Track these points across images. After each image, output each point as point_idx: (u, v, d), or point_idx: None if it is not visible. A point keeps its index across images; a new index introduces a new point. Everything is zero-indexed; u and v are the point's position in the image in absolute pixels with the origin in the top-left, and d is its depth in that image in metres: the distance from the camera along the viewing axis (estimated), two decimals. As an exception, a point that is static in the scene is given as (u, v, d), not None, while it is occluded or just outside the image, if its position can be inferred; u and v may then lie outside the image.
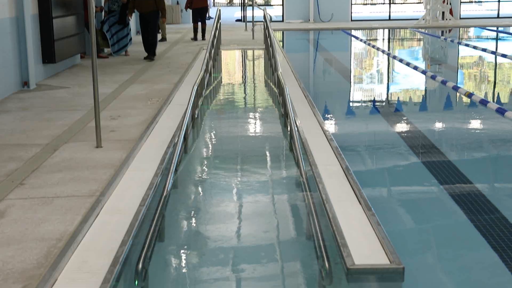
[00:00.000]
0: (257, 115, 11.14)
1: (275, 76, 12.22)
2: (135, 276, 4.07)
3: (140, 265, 4.05)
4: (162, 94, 10.58)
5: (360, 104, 13.15)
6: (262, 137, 9.52)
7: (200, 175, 7.51)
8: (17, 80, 11.06)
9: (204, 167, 7.81)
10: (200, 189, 6.94)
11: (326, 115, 10.90)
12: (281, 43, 22.79)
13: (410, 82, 15.19)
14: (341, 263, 3.89)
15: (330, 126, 10.12)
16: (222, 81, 14.83)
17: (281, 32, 26.11)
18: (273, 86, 12.74)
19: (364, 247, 4.06)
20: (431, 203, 6.57)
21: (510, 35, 25.33)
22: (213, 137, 9.49)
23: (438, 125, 10.79)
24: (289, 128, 8.13)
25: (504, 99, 12.97)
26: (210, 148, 8.82)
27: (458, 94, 13.01)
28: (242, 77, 15.78)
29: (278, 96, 10.91)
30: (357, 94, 14.36)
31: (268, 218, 5.98)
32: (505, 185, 7.33)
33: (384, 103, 13.02)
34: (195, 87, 9.38)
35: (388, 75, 16.77)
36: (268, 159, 8.18)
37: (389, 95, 13.97)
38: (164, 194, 5.34)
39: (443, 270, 5.04)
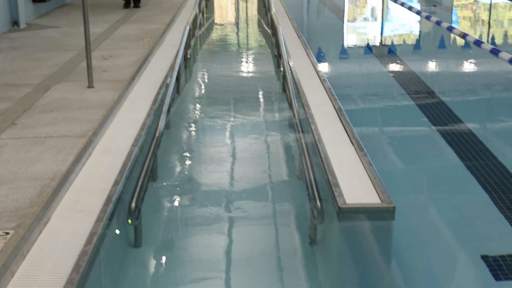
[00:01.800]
0: (250, 55, 11.06)
1: (268, 16, 12.08)
2: (128, 215, 4.09)
3: (133, 204, 4.07)
4: (154, 34, 10.45)
5: (354, 45, 13.06)
6: (255, 78, 9.47)
7: (192, 116, 7.49)
8: (6, 19, 10.89)
9: (196, 108, 7.79)
10: (192, 129, 6.94)
11: (319, 56, 10.83)
12: (274, -18, 22.45)
13: (405, 23, 15.05)
14: (333, 202, 3.92)
15: (324, 67, 10.07)
16: (215, 21, 14.67)
17: (275, -29, 25.68)
18: (266, 27, 12.61)
19: (355, 187, 4.08)
20: (423, 144, 6.59)
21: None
22: (206, 78, 9.44)
23: (432, 66, 10.75)
24: (282, 69, 8.08)
25: (498, 40, 12.89)
26: (203, 89, 8.78)
27: (452, 35, 12.91)
28: (235, 17, 15.60)
29: (271, 36, 10.81)
30: (351, 35, 14.24)
31: (260, 158, 6.00)
32: (497, 126, 7.35)
33: (378, 44, 12.93)
34: (188, 27, 9.28)
35: (382, 15, 16.60)
36: (261, 100, 8.16)
37: (383, 36, 13.86)
38: (157, 134, 5.34)
39: (434, 209, 5.10)
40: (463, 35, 12.39)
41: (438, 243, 4.48)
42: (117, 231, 4.16)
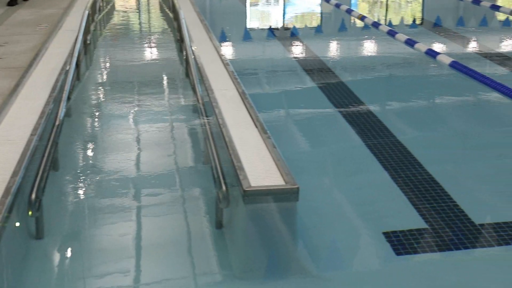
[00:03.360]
0: (152, 40, 10.93)
1: (170, 0, 11.96)
2: (28, 207, 3.97)
3: (33, 196, 3.95)
4: (51, 19, 10.14)
5: (256, 28, 13.13)
6: (158, 63, 9.37)
7: (94, 102, 7.34)
8: None
9: (98, 95, 7.63)
10: (95, 117, 6.79)
11: (222, 40, 10.83)
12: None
13: (305, 6, 15.26)
14: (238, 185, 3.94)
15: (227, 50, 10.07)
16: (115, 6, 14.38)
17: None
18: (168, 11, 12.49)
19: (260, 169, 4.11)
20: (325, 125, 6.72)
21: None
22: (107, 63, 9.26)
23: (332, 48, 10.95)
24: (184, 53, 8.03)
25: (395, 21, 13.27)
26: (105, 75, 8.61)
27: (352, 17, 13.20)
28: (136, 1, 15.35)
29: (173, 20, 10.72)
30: (254, 18, 14.31)
31: (165, 144, 5.96)
32: (395, 105, 7.58)
33: (280, 27, 13.05)
34: (86, 12, 9.05)
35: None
36: (164, 85, 8.09)
37: (285, 19, 14.00)
38: (57, 123, 5.19)
39: (338, 189, 5.22)
40: (362, 17, 12.69)
41: (342, 222, 4.59)
42: (18, 224, 4.03)
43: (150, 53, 10.01)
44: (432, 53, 9.37)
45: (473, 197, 4.97)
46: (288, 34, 12.04)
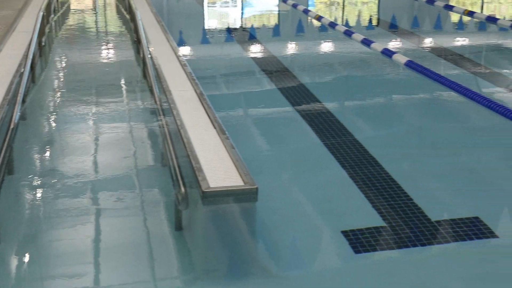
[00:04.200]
0: (108, 41, 10.83)
1: (126, 1, 11.88)
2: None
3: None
4: (4, 21, 9.98)
5: (214, 28, 13.11)
6: (115, 64, 9.29)
7: (50, 105, 7.24)
8: None
9: (54, 97, 7.53)
10: (51, 120, 6.71)
11: (179, 41, 10.79)
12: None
13: (263, 6, 15.30)
14: (197, 187, 3.93)
15: (184, 51, 10.03)
16: (71, 7, 14.21)
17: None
18: (124, 12, 12.40)
19: (219, 170, 4.10)
20: (284, 125, 6.74)
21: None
22: (63, 65, 9.14)
23: (290, 49, 11.00)
24: (141, 55, 7.98)
25: (352, 21, 13.40)
26: (61, 77, 8.50)
27: (308, 17, 13.28)
28: (92, 2, 15.20)
29: (130, 21, 10.65)
30: (211, 19, 14.29)
31: (123, 146, 5.91)
32: (352, 104, 7.65)
33: (238, 27, 13.06)
34: (41, 13, 8.93)
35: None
36: (122, 86, 8.02)
37: (243, 19, 14.01)
38: (11, 126, 5.11)
39: (296, 188, 5.24)
40: (318, 17, 12.78)
41: (301, 221, 4.62)
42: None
43: (107, 54, 9.92)
44: (388, 53, 9.49)
45: (430, 195, 5.04)
46: (246, 35, 12.06)
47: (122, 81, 8.21)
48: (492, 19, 12.79)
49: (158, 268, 3.99)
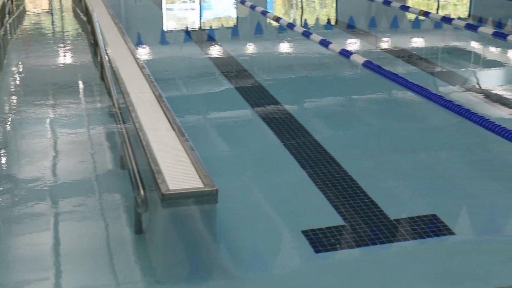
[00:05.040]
0: (65, 44, 10.71)
1: (82, 3, 11.75)
2: None
3: None
4: (-42, 24, 9.80)
5: (172, 30, 13.06)
6: (72, 67, 9.19)
7: (6, 109, 7.13)
8: None
9: (10, 101, 7.42)
10: (7, 124, 6.60)
11: (137, 43, 10.72)
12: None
13: (221, 7, 15.29)
14: (156, 189, 3.90)
15: (142, 53, 9.97)
16: (26, 8, 14.01)
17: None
18: (81, 14, 12.26)
19: (178, 173, 4.08)
20: (243, 126, 6.75)
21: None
22: (19, 68, 9.00)
23: (249, 50, 11.01)
24: (99, 57, 7.90)
25: (310, 22, 13.47)
26: (16, 81, 8.37)
27: (267, 18, 13.31)
28: (48, 4, 15.00)
29: (87, 23, 10.54)
30: (170, 20, 14.23)
31: (81, 150, 5.85)
32: (311, 105, 7.68)
33: (196, 29, 13.03)
34: (-5, 16, 8.77)
35: (199, 0, 16.72)
36: (79, 89, 7.93)
37: (201, 21, 13.99)
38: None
39: (257, 189, 5.24)
40: (277, 19, 12.82)
41: (262, 222, 4.63)
42: None
43: (64, 57, 9.80)
44: (345, 53, 9.56)
45: (389, 193, 5.10)
46: (204, 36, 12.04)
47: (80, 84, 8.13)
48: (447, 19, 12.99)
49: (119, 272, 3.96)
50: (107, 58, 7.33)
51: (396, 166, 5.69)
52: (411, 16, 13.92)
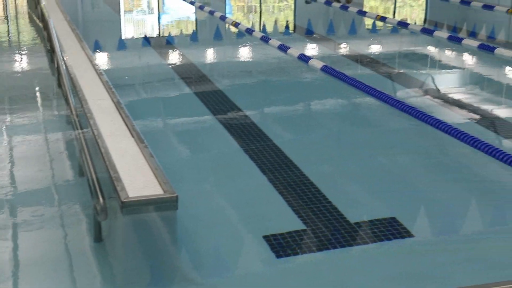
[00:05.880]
0: (21, 50, 10.55)
1: (38, 9, 11.60)
2: None
3: None
4: None
5: (131, 36, 12.98)
6: (28, 74, 9.07)
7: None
8: None
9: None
10: (-39, 132, 6.48)
11: (95, 49, 10.62)
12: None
13: (180, 13, 15.26)
14: (116, 197, 3.87)
15: (100, 60, 9.89)
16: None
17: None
18: (37, 20, 12.11)
19: (138, 180, 4.06)
20: (204, 132, 6.74)
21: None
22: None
23: (208, 55, 11.01)
24: (56, 64, 7.80)
25: (269, 28, 13.52)
26: (-29, 88, 8.22)
27: (226, 24, 13.33)
28: (3, 10, 14.78)
29: (43, 30, 10.40)
30: (128, 27, 14.14)
31: (39, 158, 5.77)
32: (270, 109, 7.71)
33: (155, 35, 12.97)
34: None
35: (158, 6, 16.67)
36: (36, 97, 7.83)
37: (160, 27, 13.93)
38: None
39: (217, 195, 5.24)
40: (235, 24, 12.84)
41: (223, 227, 4.62)
42: None
43: (20, 64, 9.66)
44: (304, 58, 9.62)
45: (348, 197, 5.14)
46: (163, 42, 11.99)
47: (37, 91, 8.02)
48: (403, 24, 13.17)
49: (78, 281, 3.92)
50: (64, 65, 7.24)
51: (356, 169, 5.75)
52: (368, 20, 14.07)
